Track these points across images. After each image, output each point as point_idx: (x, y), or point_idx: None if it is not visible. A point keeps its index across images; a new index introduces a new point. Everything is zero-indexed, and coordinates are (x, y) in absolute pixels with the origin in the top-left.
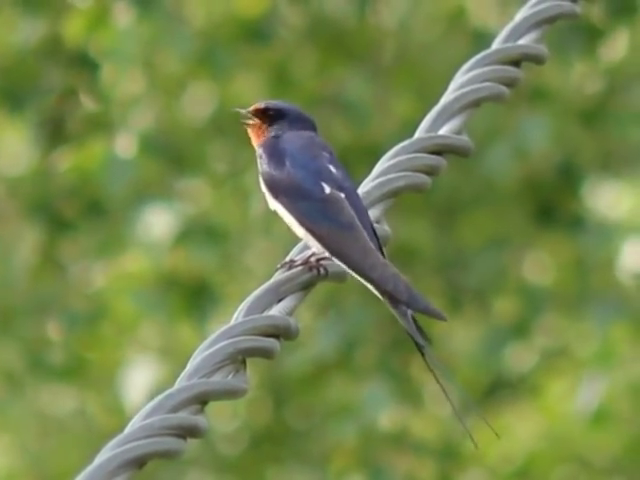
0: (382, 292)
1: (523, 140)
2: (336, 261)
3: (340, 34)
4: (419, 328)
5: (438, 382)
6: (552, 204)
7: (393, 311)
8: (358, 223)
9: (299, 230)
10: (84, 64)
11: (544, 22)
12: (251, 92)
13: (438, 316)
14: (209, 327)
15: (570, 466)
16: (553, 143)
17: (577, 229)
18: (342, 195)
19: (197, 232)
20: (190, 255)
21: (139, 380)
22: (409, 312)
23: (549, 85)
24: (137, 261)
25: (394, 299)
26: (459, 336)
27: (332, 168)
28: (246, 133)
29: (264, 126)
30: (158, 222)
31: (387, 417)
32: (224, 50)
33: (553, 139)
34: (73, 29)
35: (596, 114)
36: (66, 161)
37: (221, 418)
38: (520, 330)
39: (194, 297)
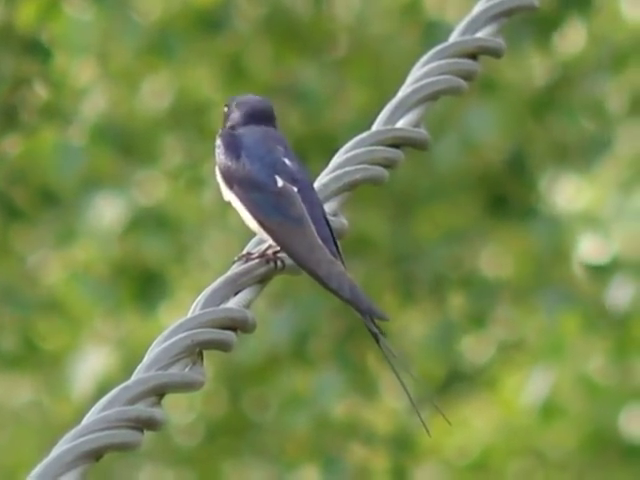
0: (326, 288)
1: (470, 131)
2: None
3: (295, 25)
4: (373, 319)
5: (393, 370)
6: (504, 196)
7: (345, 303)
8: (308, 218)
9: (251, 222)
10: (36, 52)
11: (502, 15)
12: (207, 83)
13: (381, 316)
14: (161, 318)
15: (525, 459)
16: (503, 135)
17: (530, 221)
18: (295, 189)
19: (148, 222)
20: (140, 245)
21: (88, 370)
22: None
23: (500, 76)
24: (87, 250)
25: (338, 295)
26: (415, 329)
27: (287, 161)
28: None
29: (224, 119)
30: (109, 211)
31: (341, 407)
32: (178, 40)
33: (503, 131)
34: (26, 16)
35: (547, 105)
36: (17, 147)
37: (177, 411)
38: (474, 322)
39: (143, 287)
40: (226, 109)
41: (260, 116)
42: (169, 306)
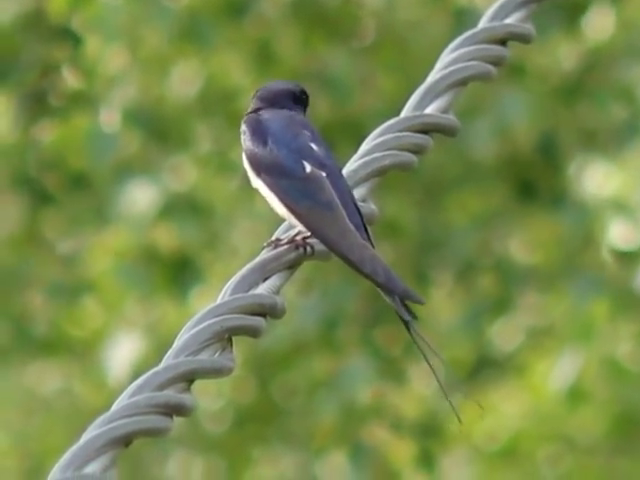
0: (360, 273)
1: (503, 117)
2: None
3: (323, 10)
4: (404, 304)
5: (424, 357)
6: (533, 182)
7: (377, 288)
8: (338, 202)
9: (280, 208)
10: (67, 38)
11: (531, 1)
12: (235, 69)
13: (416, 299)
14: (192, 304)
15: (555, 445)
16: (534, 120)
17: (559, 207)
18: (323, 174)
19: (180, 208)
20: (173, 231)
21: (121, 356)
22: None
23: (530, 63)
24: (120, 236)
25: (373, 280)
26: (444, 315)
27: (314, 146)
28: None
29: (250, 105)
30: (141, 197)
31: (369, 393)
32: (208, 25)
33: (533, 117)
34: (57, 3)
35: (577, 92)
36: (49, 134)
37: (206, 397)
38: (502, 307)
39: (176, 273)
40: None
41: (285, 99)
42: (201, 292)
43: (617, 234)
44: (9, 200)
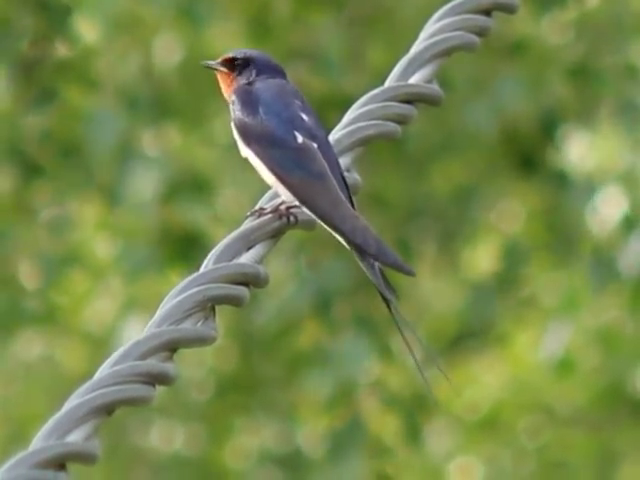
0: (350, 244)
1: (501, 95)
2: (306, 210)
3: None
4: (386, 281)
5: (402, 336)
6: (531, 156)
7: (360, 263)
8: (329, 173)
9: (270, 178)
10: (56, 9)
11: None
12: (229, 44)
13: (406, 271)
14: None
15: (536, 415)
16: (532, 97)
17: (556, 181)
18: (314, 144)
19: (184, 186)
20: (178, 208)
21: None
22: (376, 265)
23: (528, 39)
24: (127, 217)
25: (362, 251)
26: (426, 287)
27: (304, 116)
28: (217, 82)
29: (233, 74)
30: (145, 178)
31: (364, 369)
32: (203, 6)
33: (531, 93)
34: None
35: (577, 68)
36: (48, 111)
37: (188, 366)
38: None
39: (184, 252)
40: (231, 63)
41: (273, 69)
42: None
43: (604, 207)
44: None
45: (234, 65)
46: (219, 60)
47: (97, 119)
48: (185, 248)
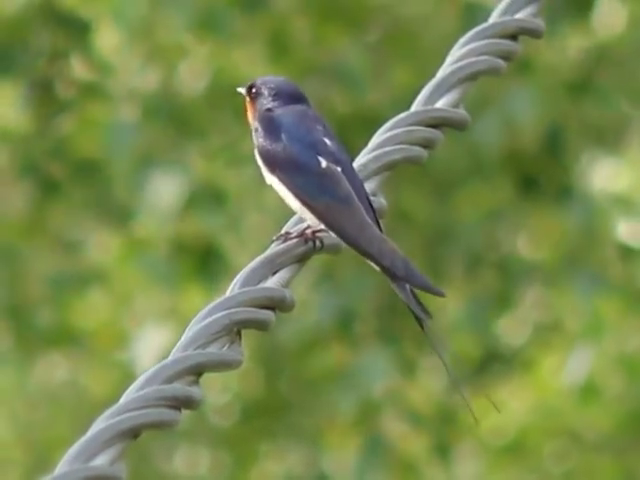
0: (379, 267)
1: (510, 112)
2: (333, 235)
3: (336, 3)
4: (418, 301)
5: (439, 356)
6: (538, 177)
7: (392, 284)
8: (355, 197)
9: (295, 204)
10: (76, 26)
11: None
12: (249, 62)
13: (436, 292)
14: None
15: (561, 440)
16: (540, 116)
17: (565, 202)
18: (338, 168)
19: (204, 198)
20: (198, 221)
21: (149, 347)
22: (407, 285)
23: (540, 57)
24: (145, 228)
25: (391, 274)
26: (450, 309)
27: (327, 141)
28: (241, 105)
29: (256, 102)
30: (165, 189)
31: (384, 386)
32: (224, 15)
33: (540, 111)
34: None
35: (585, 87)
36: (63, 126)
37: (212, 391)
38: (507, 302)
39: (202, 264)
40: (254, 90)
41: (295, 96)
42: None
43: (624, 231)
44: (15, 188)
45: (257, 93)
46: (244, 87)
47: (116, 129)
48: (202, 261)
